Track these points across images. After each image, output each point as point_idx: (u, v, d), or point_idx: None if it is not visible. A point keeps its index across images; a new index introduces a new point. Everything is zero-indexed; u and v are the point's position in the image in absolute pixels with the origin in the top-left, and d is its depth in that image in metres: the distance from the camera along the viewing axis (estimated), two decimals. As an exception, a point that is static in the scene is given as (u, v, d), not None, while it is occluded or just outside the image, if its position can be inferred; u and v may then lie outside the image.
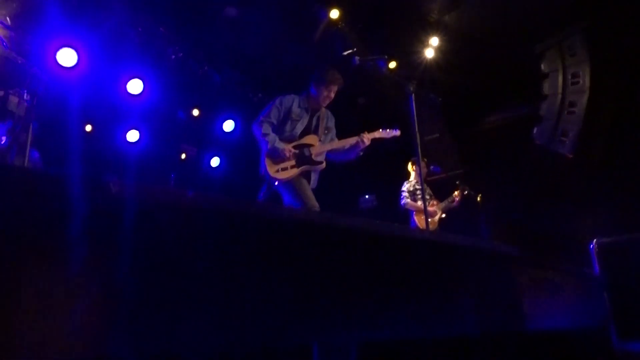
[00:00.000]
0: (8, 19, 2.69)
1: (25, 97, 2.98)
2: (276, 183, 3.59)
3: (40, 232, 1.08)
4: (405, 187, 5.83)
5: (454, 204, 5.84)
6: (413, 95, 3.56)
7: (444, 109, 7.28)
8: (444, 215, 5.81)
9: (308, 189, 3.64)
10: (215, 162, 7.60)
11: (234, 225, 1.33)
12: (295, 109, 3.74)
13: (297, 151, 3.63)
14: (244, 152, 7.80)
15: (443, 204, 5.81)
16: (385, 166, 7.04)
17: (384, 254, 1.62)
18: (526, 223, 6.36)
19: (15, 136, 3.00)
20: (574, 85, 6.14)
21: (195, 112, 6.94)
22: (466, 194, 5.85)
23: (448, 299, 1.81)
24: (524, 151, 6.53)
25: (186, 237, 1.24)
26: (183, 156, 7.20)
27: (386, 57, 5.92)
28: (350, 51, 5.87)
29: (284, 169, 3.60)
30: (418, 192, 5.80)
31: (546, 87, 6.30)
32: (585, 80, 6.02)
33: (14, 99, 2.96)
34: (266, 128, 3.66)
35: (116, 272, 1.11)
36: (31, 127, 2.99)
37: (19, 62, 2.81)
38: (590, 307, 3.06)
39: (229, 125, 7.32)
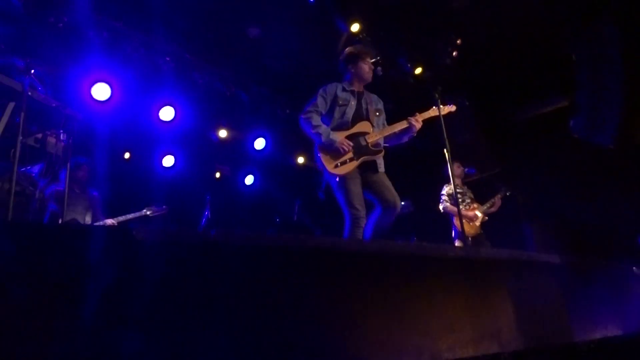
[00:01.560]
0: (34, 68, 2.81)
1: (62, 137, 3.11)
2: (337, 179, 3.32)
3: (72, 282, 1.12)
4: (445, 190, 5.72)
5: (494, 208, 5.70)
6: (439, 101, 3.50)
7: (475, 109, 7.12)
8: (486, 218, 5.67)
9: (381, 180, 3.42)
10: (249, 180, 7.71)
11: (258, 258, 1.33)
12: (341, 93, 3.56)
13: (352, 142, 3.40)
14: (276, 168, 7.89)
15: (484, 208, 5.67)
16: (419, 171, 6.96)
17: (412, 275, 1.60)
18: (570, 220, 6.13)
19: (54, 174, 3.13)
20: (610, 73, 5.90)
21: (224, 134, 7.07)
22: (506, 196, 5.70)
23: (488, 316, 1.75)
24: (562, 145, 6.29)
25: (208, 272, 1.25)
26: (217, 175, 7.33)
27: (409, 64, 5.85)
28: (374, 60, 5.85)
29: (343, 163, 3.34)
30: (459, 195, 5.70)
31: (580, 76, 6.07)
32: (621, 66, 5.76)
33: (51, 140, 3.09)
34: (316, 119, 3.44)
35: (142, 314, 1.13)
36: (69, 165, 3.11)
37: (54, 105, 2.93)
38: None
39: (260, 143, 7.41)
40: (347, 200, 3.27)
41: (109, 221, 4.59)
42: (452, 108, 3.84)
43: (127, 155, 6.27)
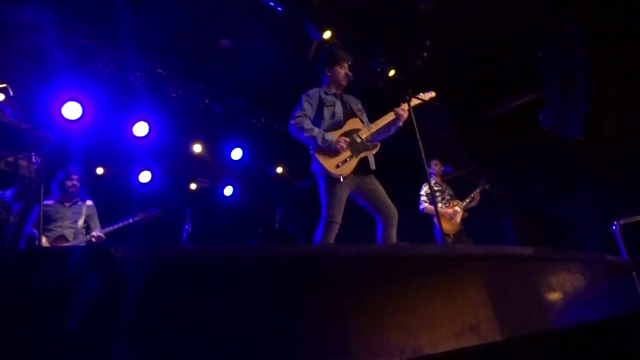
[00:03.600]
0: (10, 89, 2.77)
1: (34, 159, 3.07)
2: (342, 179, 3.30)
3: (53, 304, 1.12)
4: (423, 190, 5.78)
5: (474, 202, 5.79)
6: (410, 102, 3.56)
7: (448, 107, 7.25)
8: (466, 214, 5.75)
9: (378, 189, 3.43)
10: (228, 191, 7.69)
11: (237, 269, 1.35)
12: (324, 96, 3.59)
13: (348, 139, 3.40)
14: (255, 178, 7.90)
15: (464, 204, 5.76)
16: (399, 171, 7.03)
17: (392, 275, 1.64)
18: (546, 212, 6.27)
19: (28, 198, 3.09)
20: (576, 68, 6.07)
21: (199, 148, 7.05)
22: (485, 189, 5.80)
23: (467, 310, 1.80)
24: (534, 138, 6.45)
25: (192, 287, 1.26)
26: (193, 187, 7.27)
27: (380, 68, 5.93)
28: (347, 65, 5.91)
29: (344, 162, 3.33)
30: (437, 194, 5.78)
31: (547, 72, 6.24)
32: (586, 60, 5.93)
33: (23, 163, 3.05)
34: (307, 123, 3.41)
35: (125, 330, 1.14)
36: (42, 187, 3.08)
37: (24, 127, 2.90)
38: (620, 293, 3.00)
39: (237, 154, 7.42)
40: (331, 205, 3.28)
41: (95, 233, 4.54)
42: (432, 94, 3.88)
43: (100, 170, 6.18)
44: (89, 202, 4.69)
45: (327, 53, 3.77)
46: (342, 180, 3.30)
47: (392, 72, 6.48)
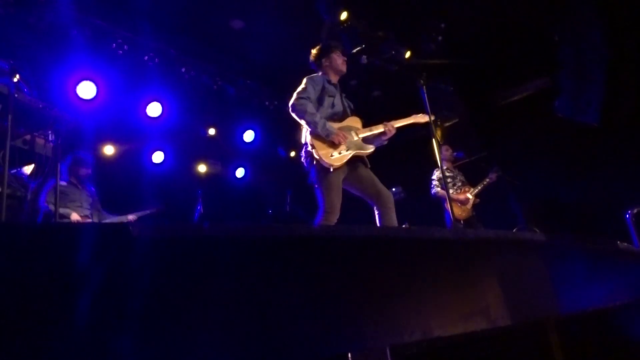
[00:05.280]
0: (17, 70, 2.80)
1: (50, 137, 3.12)
2: (332, 170, 3.29)
3: (69, 281, 1.15)
4: (435, 175, 5.75)
5: (484, 186, 5.71)
6: (424, 87, 3.53)
7: (461, 93, 7.17)
8: (477, 200, 5.72)
9: (370, 176, 3.44)
10: (240, 172, 7.73)
11: (251, 249, 1.37)
12: (327, 85, 3.57)
13: (347, 135, 3.40)
14: (266, 160, 7.92)
15: (476, 190, 5.72)
16: (408, 157, 7.00)
17: (402, 257, 1.65)
18: (559, 199, 6.22)
19: (45, 175, 3.15)
20: (592, 52, 5.96)
21: (212, 131, 7.07)
22: (498, 176, 5.73)
23: (476, 294, 1.81)
24: (548, 125, 6.37)
25: (205, 265, 1.28)
26: (205, 168, 7.29)
27: (393, 52, 5.87)
28: (358, 48, 5.87)
29: (338, 154, 3.32)
30: (449, 179, 5.74)
31: (563, 57, 6.14)
32: (603, 45, 5.82)
33: (40, 141, 3.10)
34: (310, 107, 3.37)
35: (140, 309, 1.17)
36: (59, 166, 3.13)
37: (40, 106, 2.93)
38: (630, 281, 2.99)
39: (249, 136, 7.43)
40: (330, 194, 3.28)
41: (130, 217, 4.62)
42: (426, 118, 3.76)
43: (112, 150, 6.21)
44: (93, 190, 4.73)
45: (317, 47, 3.74)
46: (332, 170, 3.31)
47: (408, 54, 6.39)
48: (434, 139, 3.47)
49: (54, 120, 2.97)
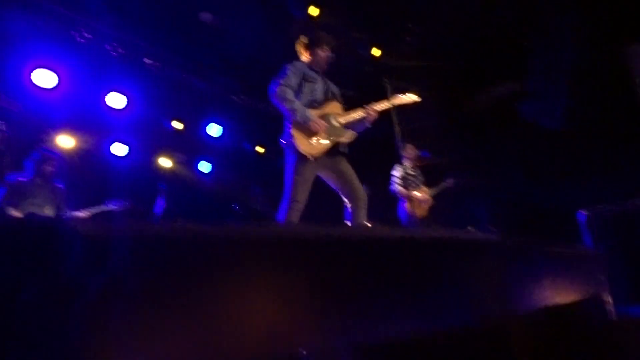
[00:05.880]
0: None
1: (3, 127, 2.98)
2: (310, 159, 3.25)
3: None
4: (396, 172, 5.76)
5: (441, 189, 5.81)
6: (389, 86, 3.54)
7: (430, 94, 7.26)
8: (433, 202, 5.78)
9: (348, 172, 3.40)
10: (206, 167, 7.62)
11: (210, 245, 1.34)
12: (308, 71, 3.49)
13: (325, 123, 3.35)
14: (233, 156, 7.83)
15: (433, 192, 5.78)
16: (375, 154, 7.03)
17: (363, 256, 1.64)
18: (521, 201, 6.38)
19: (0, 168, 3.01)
20: (558, 58, 6.14)
21: (179, 125, 6.93)
22: (456, 182, 5.83)
23: (434, 293, 1.83)
24: (513, 128, 6.52)
25: (150, 264, 1.24)
26: (170, 162, 7.14)
27: (360, 52, 5.89)
28: (330, 47, 5.84)
29: (317, 143, 3.29)
30: (411, 177, 5.78)
31: (531, 63, 6.30)
32: (569, 51, 6.00)
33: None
34: (290, 94, 3.31)
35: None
36: (7, 156, 3.00)
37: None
38: (583, 280, 3.09)
39: (215, 130, 7.32)
40: (296, 184, 3.24)
41: (81, 214, 4.40)
42: (415, 98, 3.80)
43: (74, 142, 5.96)
44: (61, 187, 4.54)
45: (304, 38, 3.66)
46: (311, 160, 3.26)
47: (378, 53, 6.41)
48: (397, 136, 3.48)
49: (5, 110, 2.84)
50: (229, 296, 1.33)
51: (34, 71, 4.99)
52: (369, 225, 3.48)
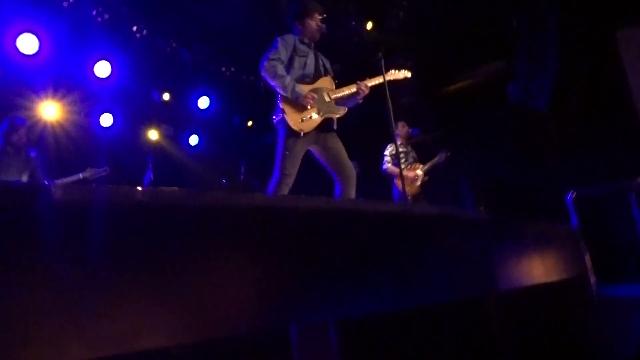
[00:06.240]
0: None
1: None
2: (302, 134, 3.23)
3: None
4: (388, 150, 5.78)
5: (433, 164, 5.82)
6: (382, 61, 3.50)
7: (418, 72, 7.20)
8: (426, 178, 5.81)
9: (338, 149, 3.39)
10: (194, 140, 7.53)
11: (194, 215, 1.31)
12: (299, 45, 3.43)
13: (316, 96, 3.32)
14: (221, 128, 7.74)
15: (425, 167, 5.80)
16: (365, 131, 7.00)
17: (349, 230, 1.63)
18: (507, 181, 6.42)
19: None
20: (546, 39, 6.11)
21: (167, 96, 6.79)
22: (447, 156, 5.84)
23: (418, 269, 1.83)
24: (501, 109, 6.52)
25: (141, 231, 1.21)
26: (157, 134, 7.03)
27: (353, 23, 5.79)
28: (321, 17, 5.74)
29: (308, 118, 3.26)
30: (402, 155, 5.78)
31: (518, 42, 6.27)
32: (557, 33, 5.97)
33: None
34: (280, 69, 3.27)
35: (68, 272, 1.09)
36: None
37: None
38: (567, 259, 3.13)
39: (204, 102, 7.21)
40: (286, 159, 3.23)
41: (60, 182, 4.33)
42: (407, 74, 3.79)
43: (57, 112, 5.80)
44: (33, 155, 4.45)
45: (297, 5, 3.59)
46: (302, 135, 3.24)
47: (370, 25, 6.32)
48: (390, 114, 3.45)
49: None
50: (213, 266, 1.31)
51: (17, 37, 4.83)
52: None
